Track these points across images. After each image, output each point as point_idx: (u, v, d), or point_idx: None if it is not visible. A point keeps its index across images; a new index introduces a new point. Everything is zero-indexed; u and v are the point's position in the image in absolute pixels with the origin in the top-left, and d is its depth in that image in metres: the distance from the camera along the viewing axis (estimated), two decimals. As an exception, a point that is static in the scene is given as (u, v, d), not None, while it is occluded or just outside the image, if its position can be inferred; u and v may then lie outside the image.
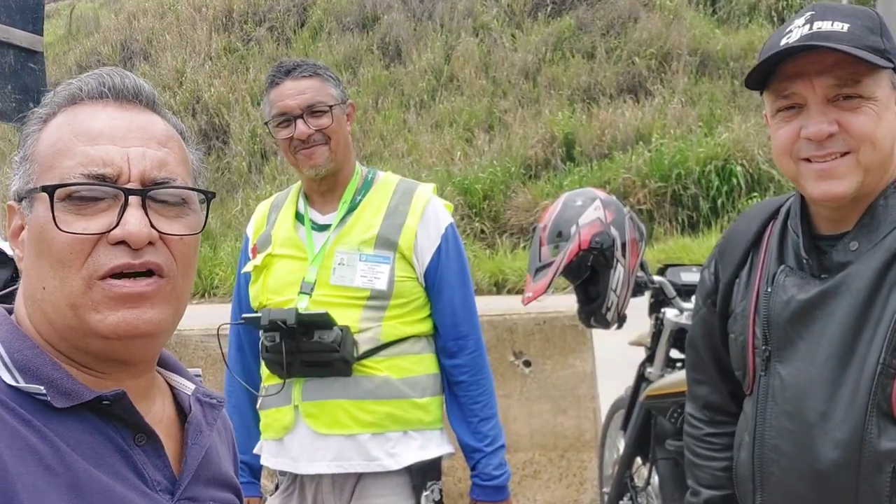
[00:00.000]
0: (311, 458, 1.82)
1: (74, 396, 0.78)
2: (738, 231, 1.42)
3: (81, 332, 0.79)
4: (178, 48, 18.00)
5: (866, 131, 1.16)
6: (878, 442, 1.14)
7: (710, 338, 1.46)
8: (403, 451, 1.82)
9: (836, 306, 1.19)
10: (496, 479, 1.91)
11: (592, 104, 13.93)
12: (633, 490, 2.97)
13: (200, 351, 4.13)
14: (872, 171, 1.18)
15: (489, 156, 13.18)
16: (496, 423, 1.94)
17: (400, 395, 1.82)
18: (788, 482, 1.24)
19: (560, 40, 15.41)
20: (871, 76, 1.16)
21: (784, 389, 1.25)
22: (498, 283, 10.26)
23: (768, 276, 1.30)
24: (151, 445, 0.83)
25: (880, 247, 1.18)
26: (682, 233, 11.14)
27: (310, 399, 1.81)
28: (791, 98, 1.20)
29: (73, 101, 0.85)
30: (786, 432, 1.24)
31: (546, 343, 3.59)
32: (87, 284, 0.78)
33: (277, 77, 1.86)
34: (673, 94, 13.49)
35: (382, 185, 1.95)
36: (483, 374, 1.92)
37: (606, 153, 12.61)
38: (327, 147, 1.84)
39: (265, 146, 15.21)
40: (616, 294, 2.32)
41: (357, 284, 1.81)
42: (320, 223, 1.91)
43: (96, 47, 18.64)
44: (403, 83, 15.98)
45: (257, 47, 17.68)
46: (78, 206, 0.79)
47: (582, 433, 3.61)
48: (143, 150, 0.82)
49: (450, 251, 1.90)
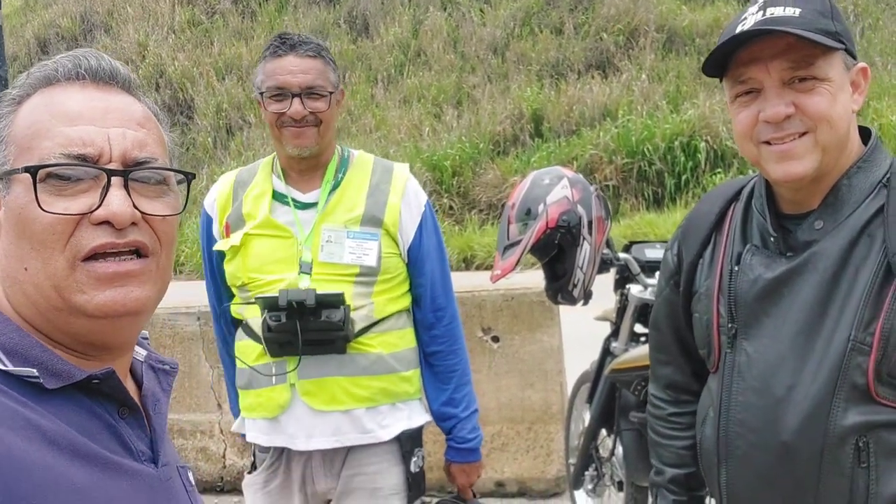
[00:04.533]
0: (308, 434, 1.85)
1: (65, 377, 0.79)
2: (701, 212, 1.45)
3: (66, 313, 0.80)
4: (141, 21, 17.60)
5: (822, 111, 1.18)
6: (843, 416, 1.17)
7: (674, 318, 1.49)
8: (393, 423, 1.89)
9: (802, 284, 1.22)
10: (470, 442, 2.00)
11: (560, 80, 13.95)
12: (597, 461, 3.04)
13: (168, 329, 4.12)
14: (830, 150, 1.21)
15: (458, 132, 13.16)
16: (470, 389, 2.02)
17: (391, 371, 1.88)
18: (754, 456, 1.26)
19: (528, 15, 15.36)
20: (824, 58, 1.19)
21: (751, 366, 1.27)
22: (467, 259, 10.32)
23: (732, 255, 1.33)
24: (133, 418, 0.85)
25: (845, 225, 1.21)
26: (647, 209, 11.27)
27: (307, 377, 1.83)
28: (748, 83, 1.23)
29: (49, 82, 0.84)
30: (752, 407, 1.26)
31: (514, 319, 3.65)
32: (71, 266, 0.79)
33: (281, 49, 1.82)
34: (640, 70, 13.56)
35: (360, 163, 1.96)
36: (458, 343, 1.99)
37: (574, 129, 12.66)
38: (317, 130, 1.83)
39: (230, 122, 15.01)
40: (582, 271, 2.36)
41: (346, 261, 1.83)
42: (303, 202, 1.90)
43: (55, 20, 18.15)
44: (371, 58, 15.83)
45: (222, 20, 17.35)
46: (57, 186, 0.79)
47: (549, 406, 3.68)
48: (122, 131, 0.83)
49: (429, 227, 1.94)
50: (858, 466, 1.18)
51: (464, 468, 2.03)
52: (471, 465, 2.03)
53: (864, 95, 1.25)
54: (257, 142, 14.01)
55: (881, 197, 1.21)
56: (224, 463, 4.17)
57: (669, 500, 1.54)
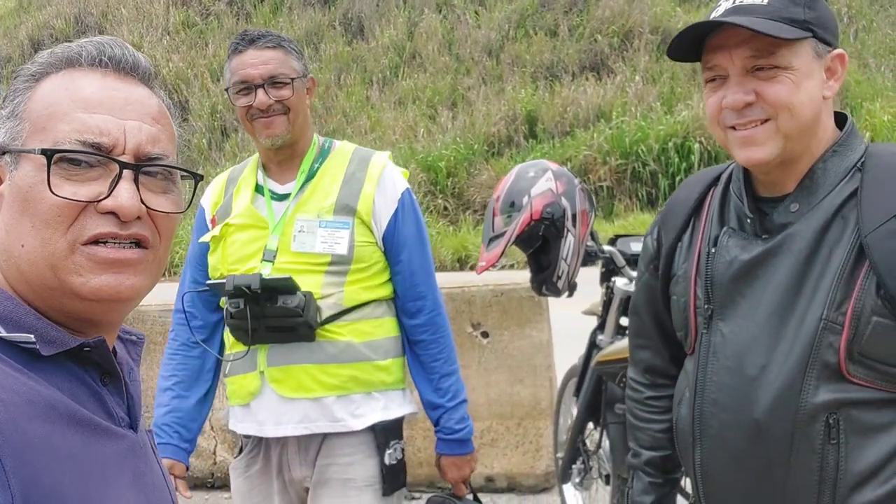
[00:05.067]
0: (277, 421, 1.86)
1: (59, 344, 0.80)
2: (680, 198, 1.47)
3: (60, 293, 0.81)
4: (135, 22, 17.61)
5: (782, 99, 1.20)
6: (814, 394, 1.19)
7: (653, 303, 1.51)
8: (367, 412, 1.87)
9: (777, 265, 1.24)
10: (459, 433, 1.97)
11: (555, 82, 13.99)
12: (585, 454, 3.05)
13: (158, 326, 4.12)
14: (793, 136, 1.23)
15: (452, 133, 13.19)
16: (457, 378, 1.99)
17: (362, 359, 1.87)
18: (727, 434, 1.28)
19: (523, 17, 15.41)
20: (787, 47, 1.20)
21: (725, 346, 1.29)
22: (461, 259, 10.33)
23: (710, 238, 1.35)
24: (114, 385, 0.87)
25: (819, 208, 1.23)
26: (641, 209, 11.31)
27: (275, 364, 1.85)
28: (714, 70, 1.25)
29: (71, 64, 0.85)
30: (726, 387, 1.28)
31: (503, 314, 3.66)
32: (71, 248, 0.80)
33: (241, 45, 1.87)
34: (634, 71, 13.61)
35: (338, 153, 1.98)
36: (442, 332, 1.97)
37: (568, 130, 12.70)
38: (286, 118, 1.86)
39: (225, 123, 15.02)
40: (567, 263, 2.38)
41: (318, 250, 1.84)
42: (279, 193, 1.93)
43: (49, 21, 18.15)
44: (366, 60, 15.86)
45: (217, 22, 17.38)
46: (68, 170, 0.80)
47: (538, 401, 3.69)
48: (139, 125, 0.84)
49: (406, 215, 1.93)
50: (828, 443, 1.20)
51: (455, 461, 1.99)
52: (462, 458, 1.99)
53: (840, 82, 1.26)
54: (251, 143, 14.00)
55: (855, 180, 1.23)
56: (215, 459, 4.17)
57: (645, 481, 1.56)
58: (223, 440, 4.17)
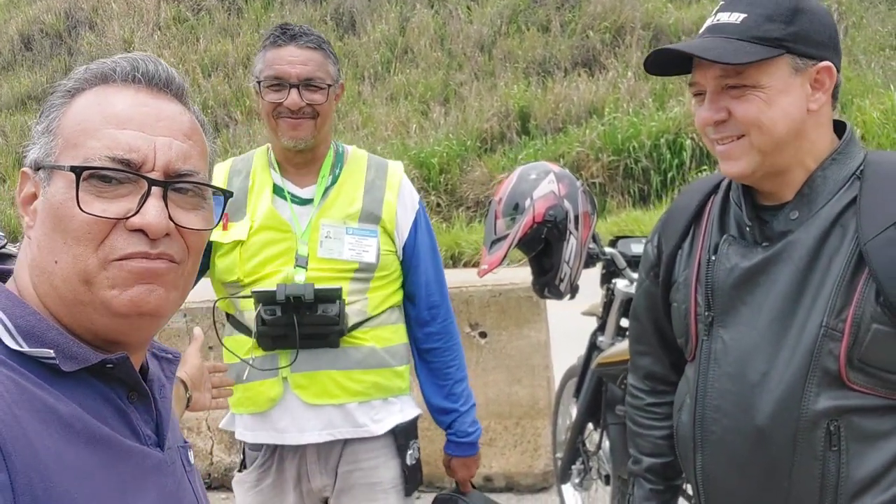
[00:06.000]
0: (300, 428, 1.83)
1: (81, 360, 0.80)
2: (680, 205, 1.48)
3: (91, 308, 0.81)
4: (126, 17, 17.49)
5: (750, 117, 1.22)
6: (815, 400, 1.19)
7: (653, 309, 1.51)
8: (385, 417, 1.89)
9: (778, 272, 1.24)
10: (470, 436, 2.02)
11: (547, 78, 13.99)
12: (584, 455, 3.06)
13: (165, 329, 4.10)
14: (769, 152, 1.23)
15: (445, 129, 13.17)
16: (467, 384, 2.03)
17: (384, 365, 1.87)
18: (728, 440, 1.29)
19: (515, 13, 15.39)
20: (755, 67, 1.20)
21: (727, 353, 1.29)
22: (454, 256, 10.33)
23: (710, 245, 1.36)
24: (142, 402, 0.87)
25: (819, 216, 1.23)
26: (633, 205, 11.33)
27: (299, 370, 1.81)
28: (696, 86, 1.29)
29: (105, 80, 0.85)
30: (727, 393, 1.28)
31: (501, 314, 3.66)
32: (102, 265, 0.80)
33: (281, 39, 1.81)
34: (626, 68, 13.62)
35: (355, 158, 1.96)
36: (454, 339, 2.00)
37: (561, 127, 12.71)
38: (314, 122, 1.82)
39: (217, 118, 14.95)
40: (569, 265, 2.38)
41: (346, 257, 1.83)
42: (301, 197, 1.89)
43: (39, 16, 18.00)
44: (358, 55, 15.81)
45: (208, 17, 17.28)
46: (98, 187, 0.80)
47: (536, 401, 3.70)
48: (169, 141, 0.84)
49: (423, 226, 1.95)
50: (830, 450, 1.20)
51: (465, 462, 2.04)
52: (471, 458, 2.05)
53: (828, 93, 1.26)
54: (243, 139, 13.96)
55: (854, 189, 1.23)
56: (211, 460, 4.16)
57: (646, 489, 1.56)
58: (220, 440, 4.16)
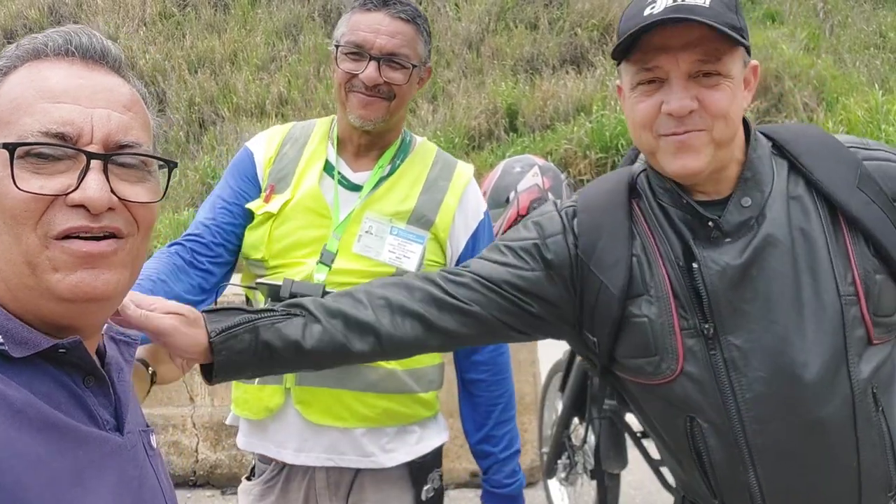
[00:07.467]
0: (298, 447, 1.63)
1: (32, 345, 0.78)
2: (595, 205, 1.33)
3: (38, 293, 0.79)
4: (111, 13, 17.35)
5: (722, 108, 1.17)
6: (859, 370, 1.17)
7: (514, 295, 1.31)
8: (399, 447, 1.66)
9: (767, 260, 1.20)
10: (508, 488, 1.76)
11: (535, 75, 14.00)
12: (570, 449, 3.06)
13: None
14: (723, 145, 1.20)
15: (433, 126, 13.15)
16: (513, 426, 1.78)
17: (403, 390, 1.64)
18: (784, 444, 1.20)
19: (503, 10, 15.39)
20: (729, 54, 1.17)
21: (747, 358, 1.19)
22: (442, 253, 10.32)
23: (672, 253, 1.25)
24: (98, 386, 0.85)
25: (773, 195, 1.22)
26: (621, 203, 11.34)
27: (304, 383, 1.60)
28: (654, 71, 1.18)
29: (37, 55, 0.83)
30: (766, 398, 1.19)
31: (487, 309, 3.64)
32: (43, 243, 0.78)
33: (372, 3, 1.61)
34: (614, 65, 13.64)
35: (421, 151, 1.75)
36: (504, 373, 1.76)
37: (549, 124, 12.72)
38: (387, 105, 1.62)
39: (203, 115, 14.86)
40: (554, 259, 2.37)
41: (383, 259, 1.61)
42: (351, 181, 1.68)
43: (22, 11, 17.81)
44: (346, 52, 15.75)
45: (194, 13, 17.17)
46: (35, 164, 0.78)
47: (522, 397, 3.69)
48: (108, 113, 0.81)
49: (484, 239, 1.71)
50: (877, 412, 1.20)
51: None
52: None
53: (752, 93, 1.25)
54: (230, 136, 13.89)
55: (781, 165, 1.25)
56: (197, 457, 4.13)
57: None
58: (205, 437, 4.13)
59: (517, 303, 1.31)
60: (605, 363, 1.33)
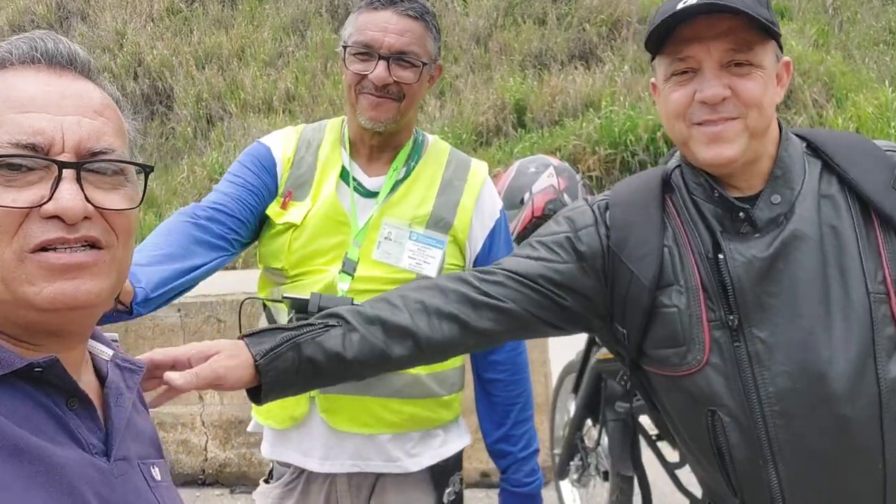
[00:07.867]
0: (324, 455, 1.63)
1: (5, 364, 0.76)
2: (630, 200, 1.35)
3: (14, 305, 0.76)
4: (119, 8, 17.35)
5: (755, 97, 1.20)
6: (887, 368, 1.15)
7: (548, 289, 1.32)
8: (423, 451, 1.68)
9: (795, 255, 1.20)
10: (528, 487, 1.78)
11: (543, 71, 13.95)
12: (583, 450, 3.05)
13: (148, 320, 4.07)
14: (757, 136, 1.22)
15: (440, 122, 13.12)
16: (531, 426, 1.80)
17: (428, 394, 1.65)
18: (808, 441, 1.18)
19: (511, 6, 15.33)
20: (761, 45, 1.20)
21: (772, 352, 1.19)
22: (449, 249, 10.30)
23: (702, 245, 1.27)
24: (84, 409, 0.82)
25: (804, 193, 1.23)
26: (630, 199, 11.30)
27: (329, 392, 1.59)
28: (687, 61, 1.22)
29: (2, 64, 0.80)
30: (790, 393, 1.18)
31: (499, 309, 3.62)
32: (19, 258, 0.75)
33: (379, 2, 1.60)
34: (623, 61, 13.58)
35: (434, 151, 1.74)
36: (521, 373, 1.77)
37: (557, 120, 12.66)
38: (398, 105, 1.61)
39: (211, 111, 14.86)
40: (568, 260, 2.35)
41: (403, 265, 1.60)
42: (367, 188, 1.67)
43: (30, 7, 17.83)
44: (353, 47, 15.72)
45: (202, 8, 17.15)
46: (6, 176, 0.75)
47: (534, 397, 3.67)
48: (78, 119, 0.79)
49: (500, 239, 1.72)
50: None
51: None
52: None
53: (785, 89, 1.27)
54: (238, 132, 13.88)
55: (814, 164, 1.26)
56: (206, 455, 4.13)
57: None
58: (214, 436, 4.13)
59: (551, 297, 1.33)
60: (633, 356, 1.34)
